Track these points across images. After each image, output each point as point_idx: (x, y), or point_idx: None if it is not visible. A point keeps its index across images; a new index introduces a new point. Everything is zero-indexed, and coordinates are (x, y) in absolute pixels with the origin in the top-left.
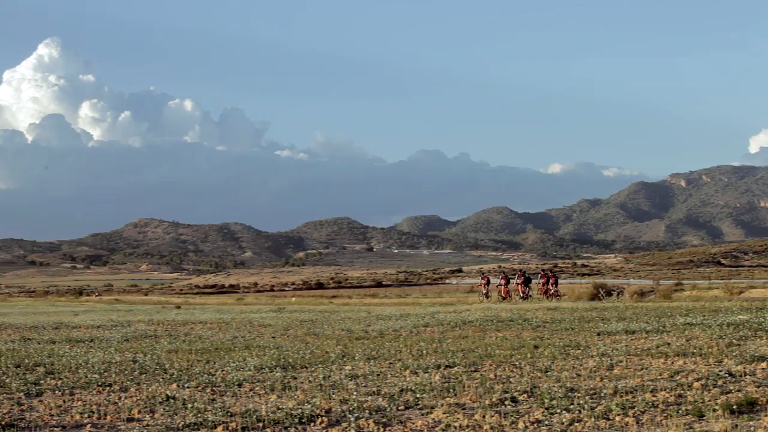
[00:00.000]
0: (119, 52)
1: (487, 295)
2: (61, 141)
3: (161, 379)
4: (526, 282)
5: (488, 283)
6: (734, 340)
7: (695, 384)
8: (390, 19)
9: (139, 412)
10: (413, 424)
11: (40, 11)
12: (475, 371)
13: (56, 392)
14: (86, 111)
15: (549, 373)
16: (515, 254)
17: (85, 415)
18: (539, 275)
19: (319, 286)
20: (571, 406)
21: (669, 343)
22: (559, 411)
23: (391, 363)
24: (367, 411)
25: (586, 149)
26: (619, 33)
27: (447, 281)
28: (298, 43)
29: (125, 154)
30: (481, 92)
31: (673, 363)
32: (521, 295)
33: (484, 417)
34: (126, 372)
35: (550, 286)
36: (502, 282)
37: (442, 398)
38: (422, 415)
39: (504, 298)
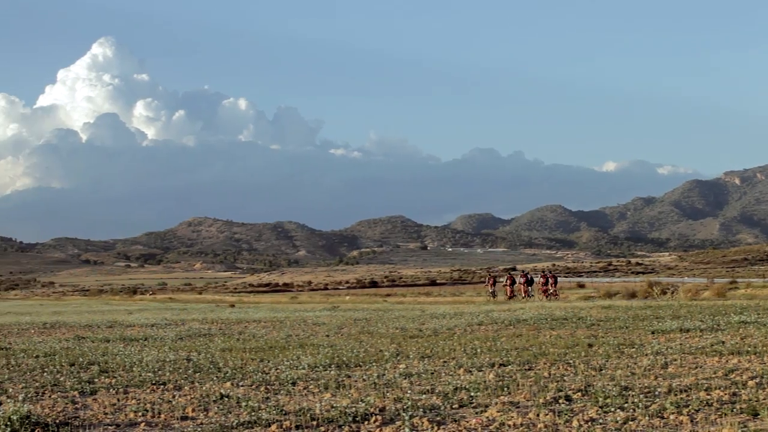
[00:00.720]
0: (173, 52)
1: (493, 294)
2: (115, 140)
3: (215, 378)
4: (529, 282)
5: (494, 283)
6: None
7: (750, 382)
8: (444, 17)
9: (193, 410)
10: (467, 422)
11: (94, 11)
12: (529, 369)
13: (110, 391)
14: (140, 110)
15: (603, 371)
16: (569, 252)
17: (139, 414)
18: (539, 276)
19: (373, 284)
20: (626, 405)
21: (723, 342)
22: (613, 409)
23: (445, 361)
24: (421, 409)
25: (640, 147)
26: (675, 29)
27: (501, 280)
28: (352, 41)
29: (179, 153)
30: (536, 90)
31: (727, 361)
32: (523, 294)
33: (538, 415)
34: (180, 370)
35: (549, 287)
36: (508, 282)
37: (496, 397)
38: (476, 413)
39: (510, 297)
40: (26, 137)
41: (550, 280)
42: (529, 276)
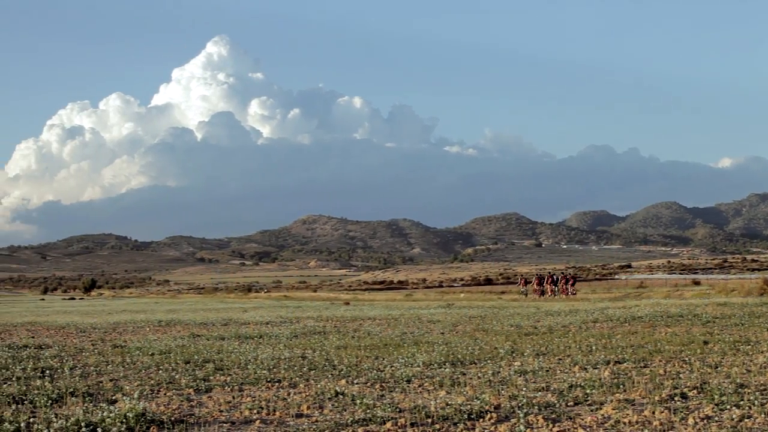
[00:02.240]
0: (287, 50)
1: (525, 294)
2: (230, 139)
3: (330, 375)
4: (554, 282)
5: (526, 283)
6: None
7: None
8: (558, 14)
9: (308, 407)
10: (582, 420)
11: (208, 10)
12: (644, 367)
13: (225, 388)
14: (255, 109)
15: (719, 368)
16: (684, 249)
17: (254, 411)
18: (559, 277)
19: (488, 281)
20: (741, 402)
21: None
22: (729, 407)
23: (560, 359)
24: (536, 407)
25: (757, 143)
26: None
27: (616, 277)
28: (466, 38)
29: (294, 151)
30: (651, 87)
31: None
32: (549, 292)
33: (653, 413)
34: (295, 368)
35: (568, 286)
36: (536, 282)
37: (611, 394)
38: (591, 411)
39: (540, 295)
40: (141, 136)
41: (570, 281)
42: (555, 277)
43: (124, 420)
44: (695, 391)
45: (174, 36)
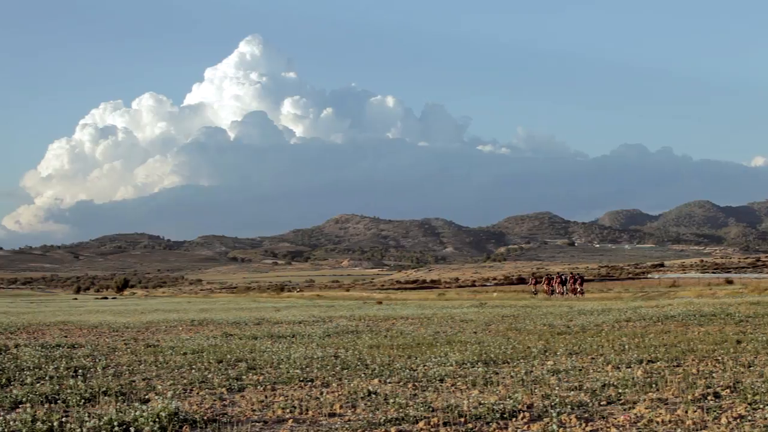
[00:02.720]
0: (320, 50)
1: (536, 293)
2: (263, 138)
3: (363, 375)
4: (563, 282)
5: (537, 282)
6: None
7: None
8: (591, 14)
9: (341, 407)
10: (615, 419)
11: (240, 9)
12: (677, 366)
13: (258, 387)
14: (288, 108)
15: (752, 368)
16: (717, 248)
17: (287, 410)
18: (567, 277)
19: (521, 281)
20: None
21: None
22: (762, 406)
23: (593, 358)
24: (568, 406)
25: None
26: None
27: (649, 276)
28: (499, 37)
29: (327, 150)
30: (684, 86)
31: None
32: (557, 292)
33: (686, 412)
34: (327, 367)
35: (576, 285)
36: (545, 282)
37: (644, 393)
38: (624, 410)
39: (550, 294)
40: (174, 135)
41: (578, 281)
42: (563, 277)
43: (156, 419)
44: (728, 391)
45: (207, 35)
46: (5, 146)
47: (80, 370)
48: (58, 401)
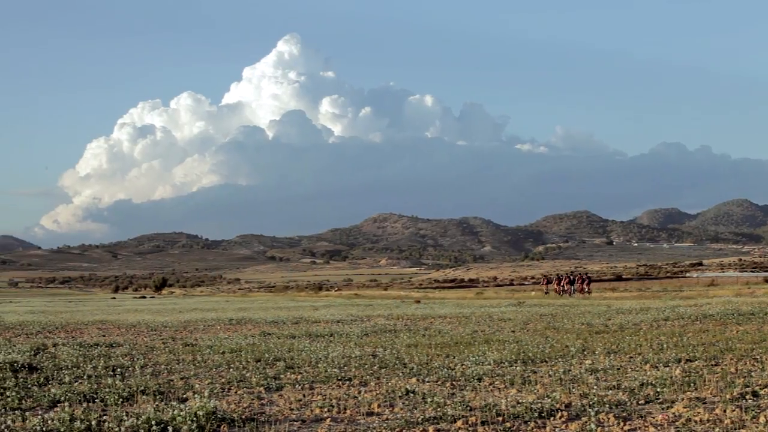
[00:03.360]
0: (358, 49)
1: (546, 292)
2: (301, 137)
3: (401, 374)
4: (571, 282)
5: (548, 282)
6: None
7: None
8: (630, 13)
9: (379, 406)
10: (653, 418)
11: (279, 9)
12: (715, 365)
13: (296, 386)
14: (326, 107)
15: None
16: (756, 247)
17: (325, 410)
18: (575, 278)
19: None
20: None
21: None
22: None
23: (631, 357)
24: (606, 405)
25: None
26: None
27: (687, 275)
28: (538, 36)
29: (365, 149)
30: (723, 84)
31: None
32: (565, 290)
33: (724, 411)
34: (366, 366)
35: (584, 285)
36: (555, 282)
37: (682, 392)
38: (662, 409)
39: (562, 293)
40: (212, 135)
41: (585, 281)
42: (571, 277)
43: (194, 418)
44: (767, 390)
45: (245, 35)
46: (44, 146)
47: (118, 369)
48: (96, 400)
